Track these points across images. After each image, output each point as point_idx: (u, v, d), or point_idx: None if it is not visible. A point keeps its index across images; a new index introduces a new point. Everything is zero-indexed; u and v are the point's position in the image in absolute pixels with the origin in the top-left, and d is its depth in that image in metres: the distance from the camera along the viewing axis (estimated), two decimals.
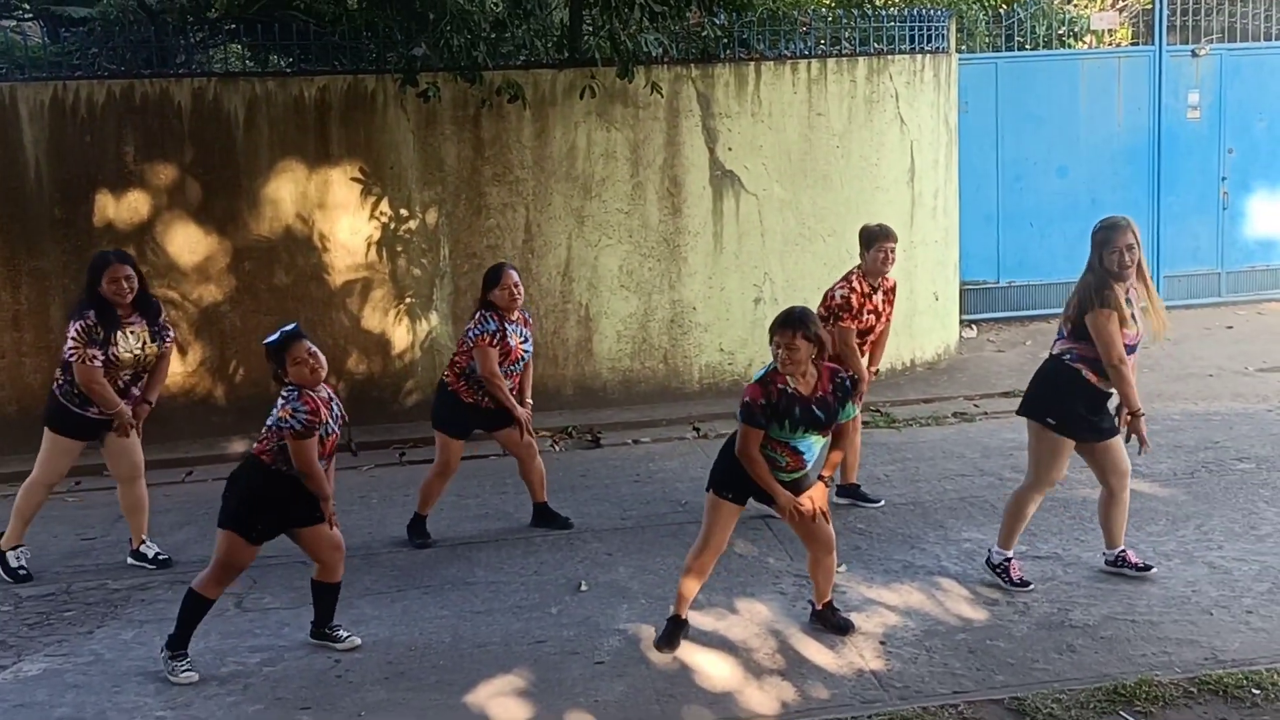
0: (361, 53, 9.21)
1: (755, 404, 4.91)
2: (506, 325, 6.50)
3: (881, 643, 5.21)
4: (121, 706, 4.95)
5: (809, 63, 9.52)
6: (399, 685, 5.02)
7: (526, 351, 6.64)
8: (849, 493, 7.01)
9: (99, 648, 5.54)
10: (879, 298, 6.78)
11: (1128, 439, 5.51)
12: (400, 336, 9.15)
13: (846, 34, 10.00)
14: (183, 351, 8.77)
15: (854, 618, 5.41)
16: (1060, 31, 13.00)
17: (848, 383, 5.08)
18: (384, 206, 8.99)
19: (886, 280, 6.83)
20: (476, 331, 6.49)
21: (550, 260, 9.23)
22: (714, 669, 5.06)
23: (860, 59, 9.69)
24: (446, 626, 5.60)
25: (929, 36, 10.22)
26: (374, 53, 9.18)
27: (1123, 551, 5.76)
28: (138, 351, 6.21)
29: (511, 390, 6.57)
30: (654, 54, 8.95)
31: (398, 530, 6.92)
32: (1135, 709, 4.54)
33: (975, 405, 9.23)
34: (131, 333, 6.19)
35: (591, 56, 8.94)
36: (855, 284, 6.70)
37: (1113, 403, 5.55)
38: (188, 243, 8.75)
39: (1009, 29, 12.22)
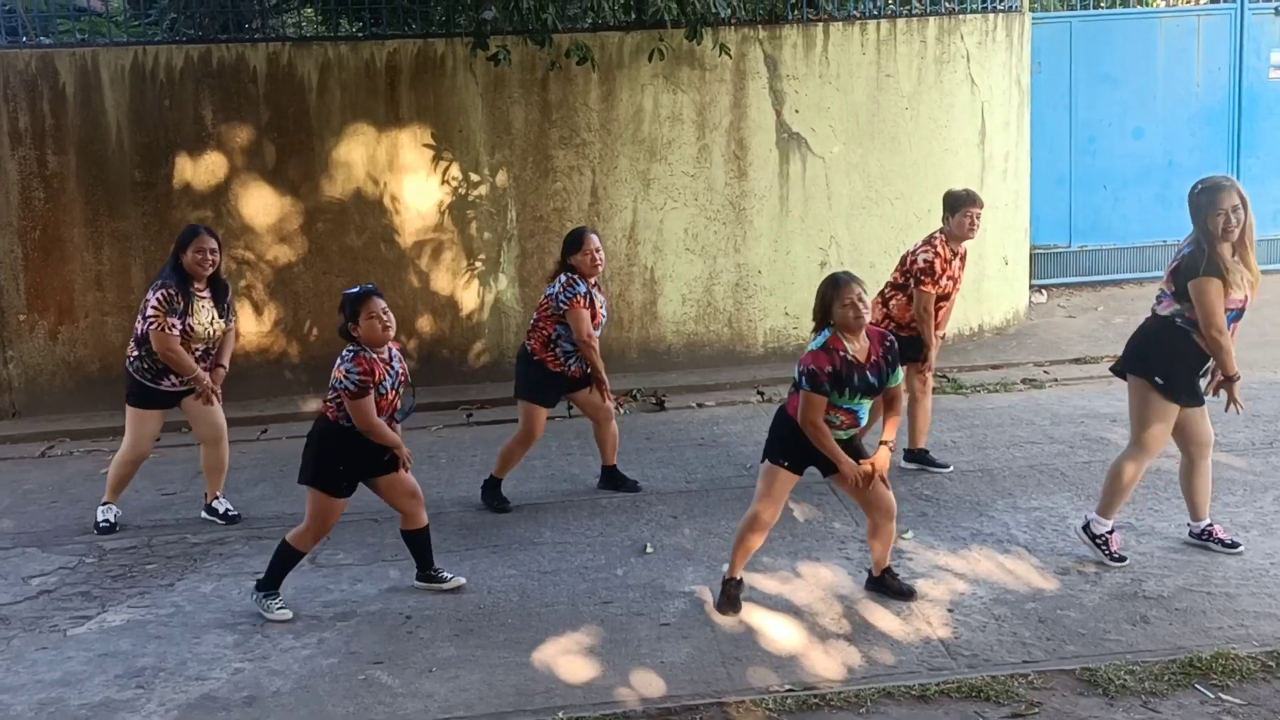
0: (430, 16, 9.24)
1: (822, 371, 4.91)
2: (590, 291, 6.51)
3: (949, 610, 5.20)
4: (201, 657, 5.10)
5: (878, 23, 9.39)
6: (468, 642, 5.12)
7: (604, 317, 6.65)
8: (917, 458, 6.98)
9: (179, 600, 5.71)
10: (957, 264, 6.72)
11: (1223, 402, 5.40)
12: (468, 298, 9.24)
13: None
14: (257, 311, 8.96)
15: (920, 585, 5.41)
16: None
17: (895, 345, 5.10)
18: (453, 170, 9.06)
19: (961, 246, 6.76)
20: (569, 294, 6.41)
21: (616, 223, 9.25)
22: (779, 633, 5.09)
23: (931, 19, 9.54)
24: (514, 586, 5.69)
25: None
26: (443, 16, 9.20)
27: (1209, 525, 5.64)
28: (208, 326, 6.38)
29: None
30: (722, 15, 8.88)
31: (466, 490, 7.03)
32: (1211, 682, 4.48)
33: (1045, 372, 9.12)
34: (203, 307, 6.37)
35: (660, 18, 8.90)
36: (939, 249, 6.63)
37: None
38: (262, 205, 8.89)
39: None
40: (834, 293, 4.94)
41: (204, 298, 6.38)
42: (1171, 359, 5.37)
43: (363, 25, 9.55)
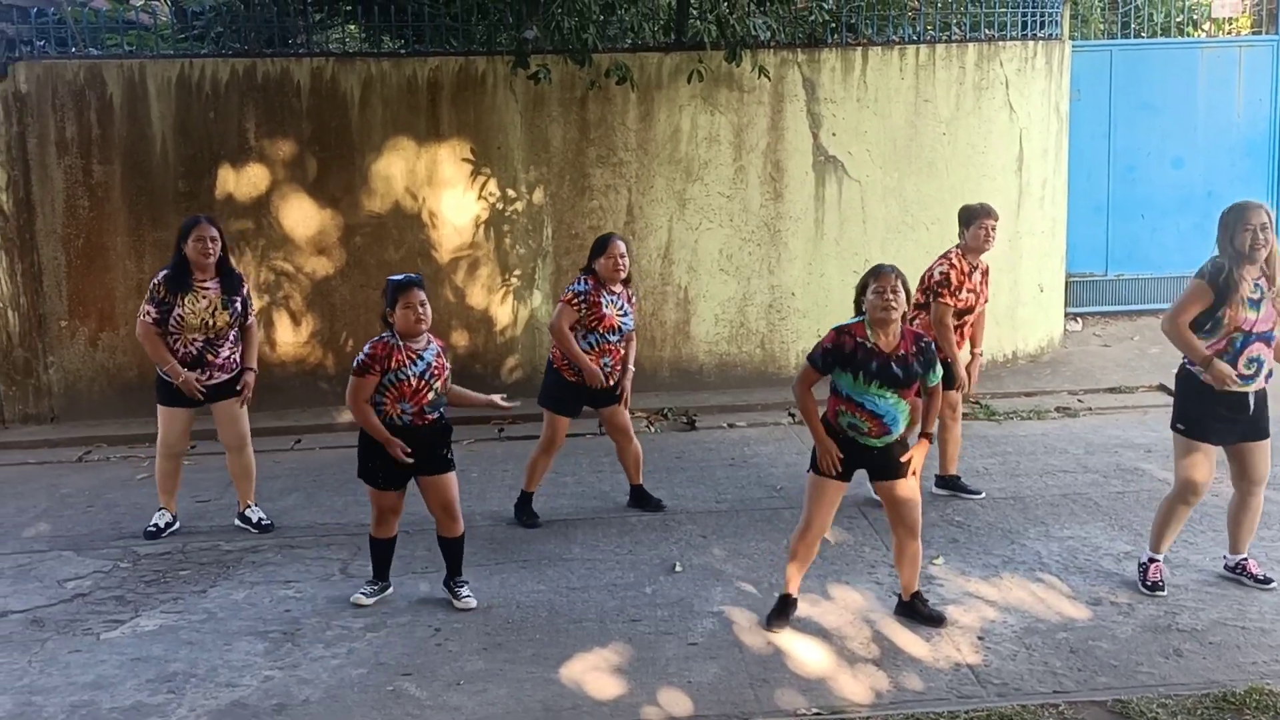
0: (472, 35, 9.34)
1: (822, 345, 5.05)
2: (604, 294, 6.51)
3: (979, 638, 5.17)
4: (232, 664, 5.14)
5: (917, 48, 9.40)
6: (496, 656, 5.13)
7: (624, 324, 6.58)
8: (949, 484, 6.95)
9: (212, 606, 5.76)
10: (977, 277, 6.70)
11: None
12: (503, 314, 9.29)
13: (956, 20, 9.85)
14: (295, 322, 9.05)
15: (951, 611, 5.39)
16: (1179, 19, 12.61)
17: (932, 346, 5.10)
18: (491, 186, 9.13)
19: (981, 261, 6.76)
20: (567, 290, 6.56)
21: (651, 242, 9.28)
22: (807, 655, 5.07)
23: (970, 45, 9.54)
24: (543, 601, 5.70)
25: (1042, 23, 10.01)
26: (484, 35, 9.29)
27: (1244, 560, 5.60)
28: (205, 316, 6.36)
29: (612, 366, 6.59)
30: (761, 38, 8.93)
31: (497, 504, 7.06)
32: (1244, 717, 4.44)
33: (1079, 400, 9.06)
34: (203, 296, 6.37)
35: (699, 40, 8.95)
36: (955, 261, 6.63)
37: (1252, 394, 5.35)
38: (302, 217, 8.99)
39: (1125, 16, 11.89)
40: (871, 278, 5.00)
41: (205, 288, 6.38)
42: (1186, 402, 5.40)
43: (405, 42, 9.66)
